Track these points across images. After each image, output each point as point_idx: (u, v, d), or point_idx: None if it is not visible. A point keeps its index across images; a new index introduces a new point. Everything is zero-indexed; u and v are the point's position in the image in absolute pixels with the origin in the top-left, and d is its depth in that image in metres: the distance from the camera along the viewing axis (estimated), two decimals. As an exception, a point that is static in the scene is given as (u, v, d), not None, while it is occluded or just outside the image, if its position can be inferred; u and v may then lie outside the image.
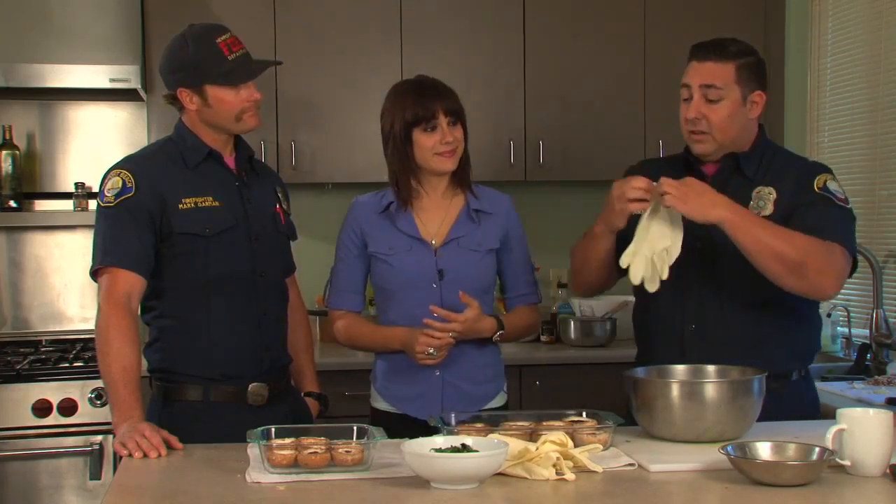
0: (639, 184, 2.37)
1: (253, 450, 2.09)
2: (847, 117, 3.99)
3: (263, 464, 1.98)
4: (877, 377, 3.20)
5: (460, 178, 2.72)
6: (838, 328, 3.86)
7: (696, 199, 2.32)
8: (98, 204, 2.50)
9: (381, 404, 2.74)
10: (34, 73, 3.82)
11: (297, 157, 4.07)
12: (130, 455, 2.15)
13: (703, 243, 2.48)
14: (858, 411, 1.99)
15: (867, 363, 3.46)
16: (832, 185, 2.47)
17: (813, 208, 2.44)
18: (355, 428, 2.10)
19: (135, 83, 3.86)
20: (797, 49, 4.28)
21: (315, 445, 2.00)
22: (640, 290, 2.50)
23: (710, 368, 2.34)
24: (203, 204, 2.50)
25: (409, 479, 1.92)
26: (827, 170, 2.53)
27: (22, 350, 3.87)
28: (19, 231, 4.19)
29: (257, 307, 2.57)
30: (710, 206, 2.32)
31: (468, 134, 2.72)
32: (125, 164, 2.53)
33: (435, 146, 2.63)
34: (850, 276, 2.46)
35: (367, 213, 2.73)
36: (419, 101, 2.64)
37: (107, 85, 3.85)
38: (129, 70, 3.85)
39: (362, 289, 2.78)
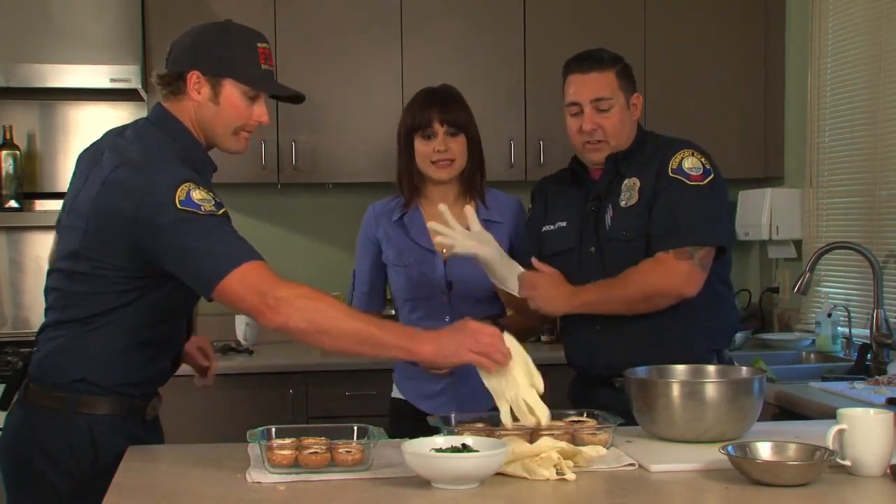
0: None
1: (253, 450, 2.09)
2: (847, 117, 3.98)
3: (264, 464, 1.98)
4: (877, 377, 3.19)
5: (467, 187, 2.79)
6: (839, 328, 3.86)
7: (544, 302, 2.53)
8: (193, 214, 2.09)
9: (400, 395, 2.83)
10: (35, 73, 3.82)
11: (298, 156, 4.07)
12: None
13: (596, 247, 2.60)
14: (859, 411, 1.99)
15: (867, 363, 3.45)
16: (688, 163, 2.53)
17: (664, 198, 2.52)
18: (355, 428, 2.10)
19: (135, 83, 3.86)
20: (797, 49, 4.28)
21: (315, 445, 2.00)
22: None
23: (711, 368, 2.35)
24: None
25: (409, 479, 1.92)
26: (688, 146, 2.58)
27: (22, 350, 3.85)
28: (20, 231, 4.20)
29: (188, 327, 2.44)
30: (555, 305, 2.54)
31: (477, 145, 2.80)
32: (190, 177, 2.15)
33: (430, 154, 2.72)
34: (723, 251, 2.56)
35: (382, 220, 2.82)
36: (420, 108, 2.74)
37: (107, 85, 3.86)
38: (130, 70, 3.85)
39: (382, 290, 2.86)
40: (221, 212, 2.14)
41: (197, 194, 2.12)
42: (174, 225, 2.09)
